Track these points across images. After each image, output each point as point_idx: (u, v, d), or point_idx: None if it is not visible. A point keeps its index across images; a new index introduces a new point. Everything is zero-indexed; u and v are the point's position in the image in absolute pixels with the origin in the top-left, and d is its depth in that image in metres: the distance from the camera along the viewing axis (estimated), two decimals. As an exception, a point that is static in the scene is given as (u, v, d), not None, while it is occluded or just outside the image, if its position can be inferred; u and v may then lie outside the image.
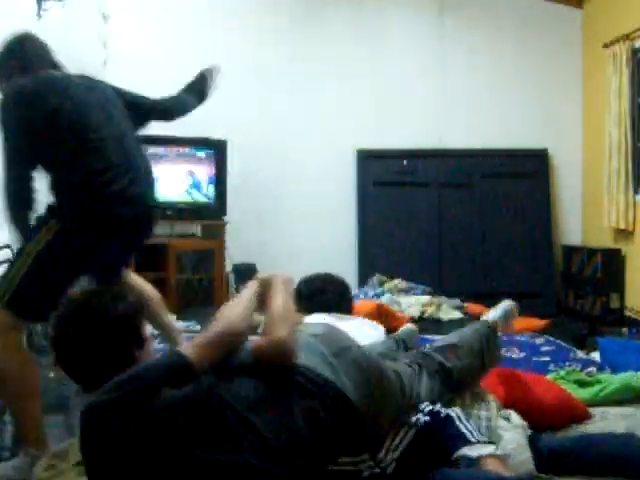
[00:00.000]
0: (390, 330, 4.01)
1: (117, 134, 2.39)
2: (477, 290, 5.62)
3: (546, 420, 2.30)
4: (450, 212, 5.94)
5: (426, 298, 5.04)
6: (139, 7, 5.72)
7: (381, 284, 5.36)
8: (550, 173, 6.08)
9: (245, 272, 5.29)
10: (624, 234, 5.37)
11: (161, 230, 5.39)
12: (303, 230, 5.85)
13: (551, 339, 3.97)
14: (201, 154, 5.44)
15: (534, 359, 3.43)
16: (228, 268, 5.48)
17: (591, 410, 2.49)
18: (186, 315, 4.67)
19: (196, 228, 5.63)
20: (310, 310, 2.76)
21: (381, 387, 1.84)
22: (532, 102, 6.09)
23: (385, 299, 4.77)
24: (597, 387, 2.64)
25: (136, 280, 2.82)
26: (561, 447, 2.03)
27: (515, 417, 2.16)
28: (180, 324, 4.44)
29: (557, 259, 6.04)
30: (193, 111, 2.93)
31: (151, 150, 5.23)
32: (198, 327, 4.43)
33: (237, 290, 5.40)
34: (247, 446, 1.45)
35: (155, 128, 5.75)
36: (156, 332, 2.98)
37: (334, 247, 5.88)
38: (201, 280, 5.33)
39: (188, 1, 5.83)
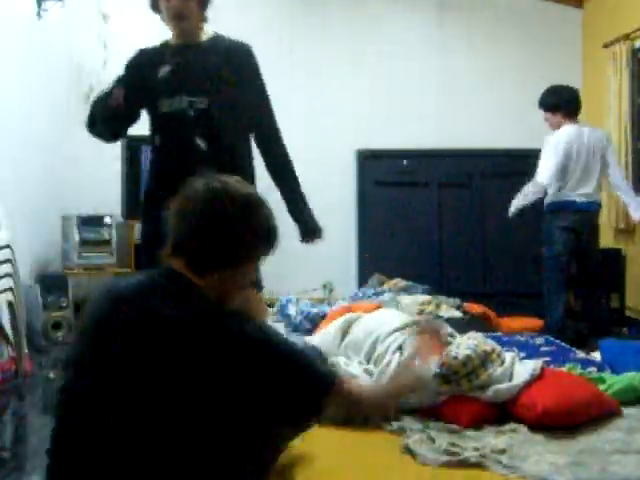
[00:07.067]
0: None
1: None
2: (477, 290, 5.62)
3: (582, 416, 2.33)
4: (450, 212, 5.94)
5: (425, 297, 5.03)
6: (139, 7, 5.69)
7: (381, 284, 5.35)
8: (550, 173, 6.07)
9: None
10: (624, 234, 5.36)
11: (161, 230, 5.39)
12: (303, 230, 5.84)
13: (551, 339, 3.96)
14: (201, 154, 5.42)
15: (534, 359, 3.42)
16: (228, 268, 5.46)
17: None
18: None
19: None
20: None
21: None
22: (532, 102, 6.07)
23: (386, 298, 4.76)
24: (601, 387, 2.63)
25: None
26: None
27: None
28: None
29: (557, 259, 6.03)
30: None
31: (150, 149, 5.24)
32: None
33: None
34: None
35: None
36: None
37: (334, 247, 5.87)
38: (201, 280, 5.31)
39: (188, 1, 5.83)
